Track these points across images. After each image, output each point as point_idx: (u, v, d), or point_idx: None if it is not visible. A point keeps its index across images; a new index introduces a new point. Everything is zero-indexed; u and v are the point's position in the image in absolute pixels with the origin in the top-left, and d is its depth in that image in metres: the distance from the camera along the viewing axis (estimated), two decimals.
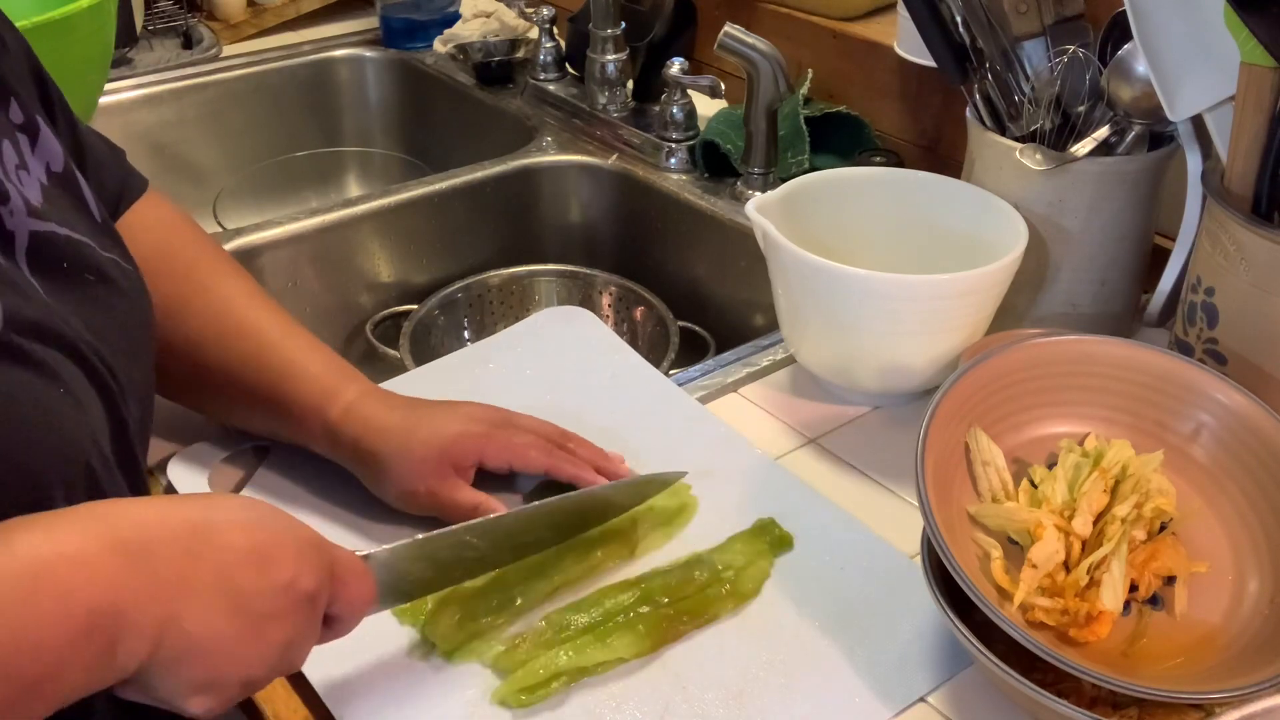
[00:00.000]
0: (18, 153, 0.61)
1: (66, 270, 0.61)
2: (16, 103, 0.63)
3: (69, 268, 0.61)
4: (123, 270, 0.66)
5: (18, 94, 0.64)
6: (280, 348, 0.78)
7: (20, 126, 0.63)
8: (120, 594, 0.47)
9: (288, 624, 0.53)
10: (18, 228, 0.58)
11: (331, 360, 0.79)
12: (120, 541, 0.48)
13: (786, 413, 0.90)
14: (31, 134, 0.64)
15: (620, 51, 1.34)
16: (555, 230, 1.35)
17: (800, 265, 0.84)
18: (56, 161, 0.65)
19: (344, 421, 0.76)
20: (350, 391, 0.77)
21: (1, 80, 0.63)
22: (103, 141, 0.79)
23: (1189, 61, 0.80)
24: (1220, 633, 0.67)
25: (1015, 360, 0.75)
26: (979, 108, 0.92)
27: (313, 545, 0.56)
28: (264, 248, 1.15)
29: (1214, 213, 0.77)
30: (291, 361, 0.77)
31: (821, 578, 0.74)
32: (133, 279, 0.67)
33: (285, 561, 0.53)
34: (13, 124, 0.62)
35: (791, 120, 1.18)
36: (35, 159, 0.63)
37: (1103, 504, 0.69)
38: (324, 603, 0.56)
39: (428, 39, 1.56)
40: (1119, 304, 0.93)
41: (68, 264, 0.61)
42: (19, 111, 0.63)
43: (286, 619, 0.53)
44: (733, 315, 1.21)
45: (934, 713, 0.66)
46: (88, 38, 1.03)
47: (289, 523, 0.55)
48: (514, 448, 0.76)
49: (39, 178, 0.63)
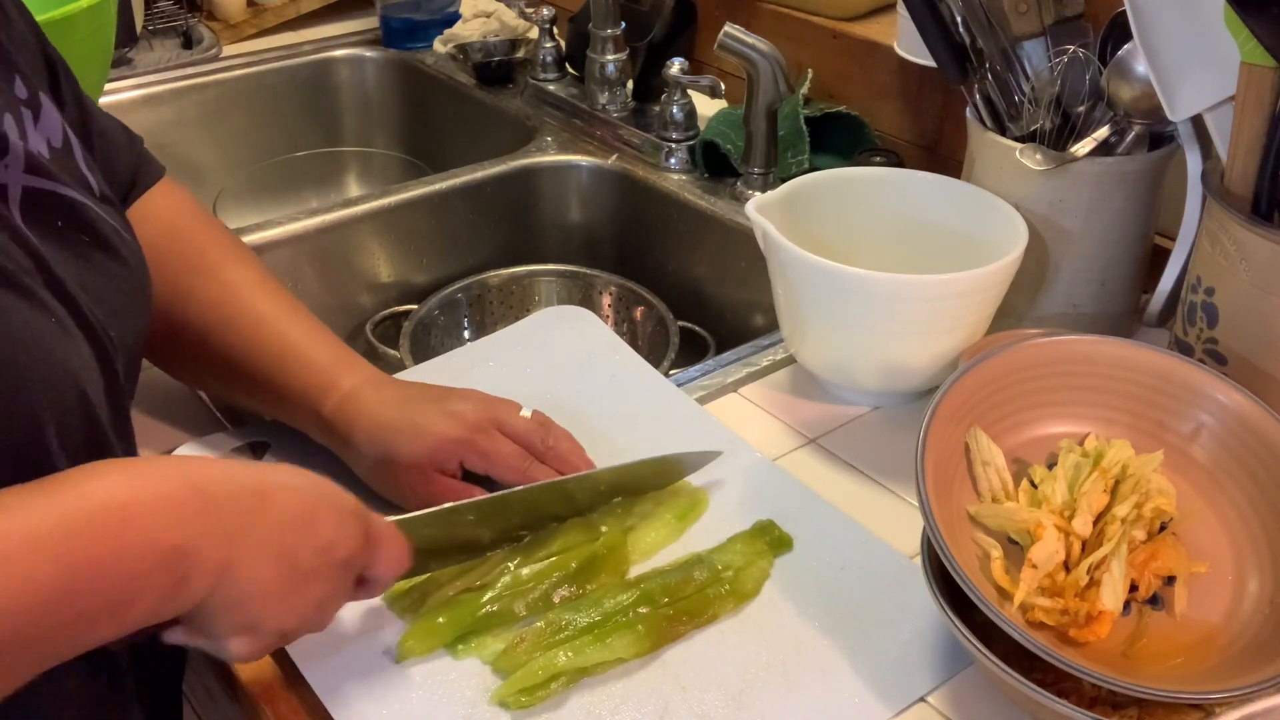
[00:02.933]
0: (20, 126, 0.62)
1: (61, 229, 0.61)
2: (21, 79, 0.64)
3: (63, 226, 0.62)
4: (122, 239, 0.66)
5: (22, 71, 0.65)
6: (282, 336, 0.79)
7: (24, 101, 0.64)
8: (194, 535, 0.52)
9: (324, 583, 0.59)
10: (11, 180, 0.59)
11: (332, 349, 0.80)
12: (198, 489, 0.54)
13: (786, 413, 0.90)
14: (34, 109, 0.64)
15: (620, 51, 1.34)
16: (555, 230, 1.35)
17: (800, 265, 0.84)
18: (56, 136, 0.65)
19: (336, 417, 0.77)
20: (346, 384, 0.78)
21: (7, 56, 0.64)
22: (119, 127, 0.79)
23: (1189, 61, 0.80)
24: (1220, 633, 0.67)
25: (1015, 360, 0.75)
26: (979, 108, 0.92)
27: (354, 513, 0.61)
28: (264, 248, 1.15)
29: (1214, 213, 0.77)
30: (291, 350, 0.78)
31: (821, 578, 0.74)
32: (132, 250, 0.67)
33: (327, 526, 0.59)
34: (17, 99, 0.63)
35: (791, 120, 1.18)
36: (37, 133, 0.63)
37: (1103, 504, 0.69)
38: (358, 566, 0.61)
39: (428, 39, 1.56)
40: (1119, 304, 0.93)
41: (62, 223, 0.62)
42: (23, 87, 0.64)
43: (324, 578, 0.59)
44: (733, 315, 1.21)
45: (934, 713, 0.66)
46: (88, 38, 1.03)
47: (334, 491, 0.61)
48: (490, 457, 0.76)
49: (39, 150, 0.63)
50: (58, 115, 0.66)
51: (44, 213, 0.61)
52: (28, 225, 0.59)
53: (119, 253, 0.65)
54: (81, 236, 0.63)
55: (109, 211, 0.66)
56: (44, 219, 0.60)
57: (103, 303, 0.62)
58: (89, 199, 0.65)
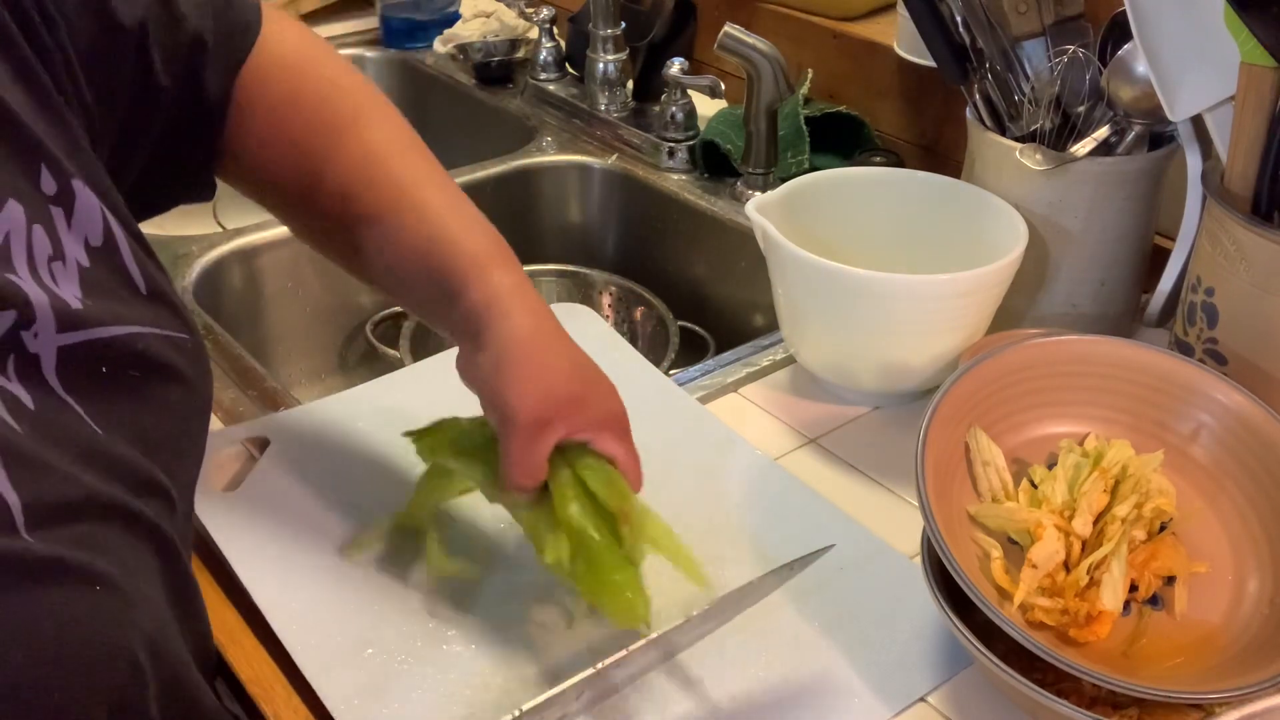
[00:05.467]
0: (51, 237, 0.54)
1: (106, 374, 0.55)
2: (47, 167, 0.55)
3: (108, 371, 0.55)
4: (178, 350, 0.59)
5: (48, 154, 0.55)
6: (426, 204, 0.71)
7: (53, 198, 0.55)
8: None
9: None
10: (43, 349, 0.52)
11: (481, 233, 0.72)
12: None
13: (786, 413, 0.90)
14: (66, 205, 0.56)
15: (620, 51, 1.34)
16: (555, 230, 1.35)
17: (800, 265, 0.84)
18: (95, 232, 0.57)
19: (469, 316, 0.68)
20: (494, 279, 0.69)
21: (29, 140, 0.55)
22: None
23: (1189, 61, 0.80)
24: (1220, 633, 0.67)
25: (1015, 360, 0.75)
26: (979, 108, 0.92)
27: None
28: (264, 248, 1.15)
29: (1214, 213, 0.77)
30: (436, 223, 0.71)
31: (821, 578, 0.73)
32: (188, 352, 0.60)
33: None
34: (45, 196, 0.55)
35: (791, 120, 1.18)
36: (72, 236, 0.56)
37: (1103, 504, 0.69)
38: None
39: (428, 39, 1.56)
40: (1119, 304, 0.93)
41: (107, 368, 0.55)
42: (51, 180, 0.55)
43: None
44: (733, 315, 1.21)
45: (934, 713, 0.66)
46: None
47: None
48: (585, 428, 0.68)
49: (76, 259, 0.56)
50: (95, 201, 0.57)
51: (86, 364, 0.54)
52: (66, 388, 0.52)
53: (175, 370, 0.58)
54: (132, 374, 0.56)
55: (159, 317, 0.59)
56: (87, 370, 0.54)
57: (163, 449, 0.56)
58: (135, 316, 0.57)
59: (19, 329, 0.51)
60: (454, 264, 0.70)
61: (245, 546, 0.75)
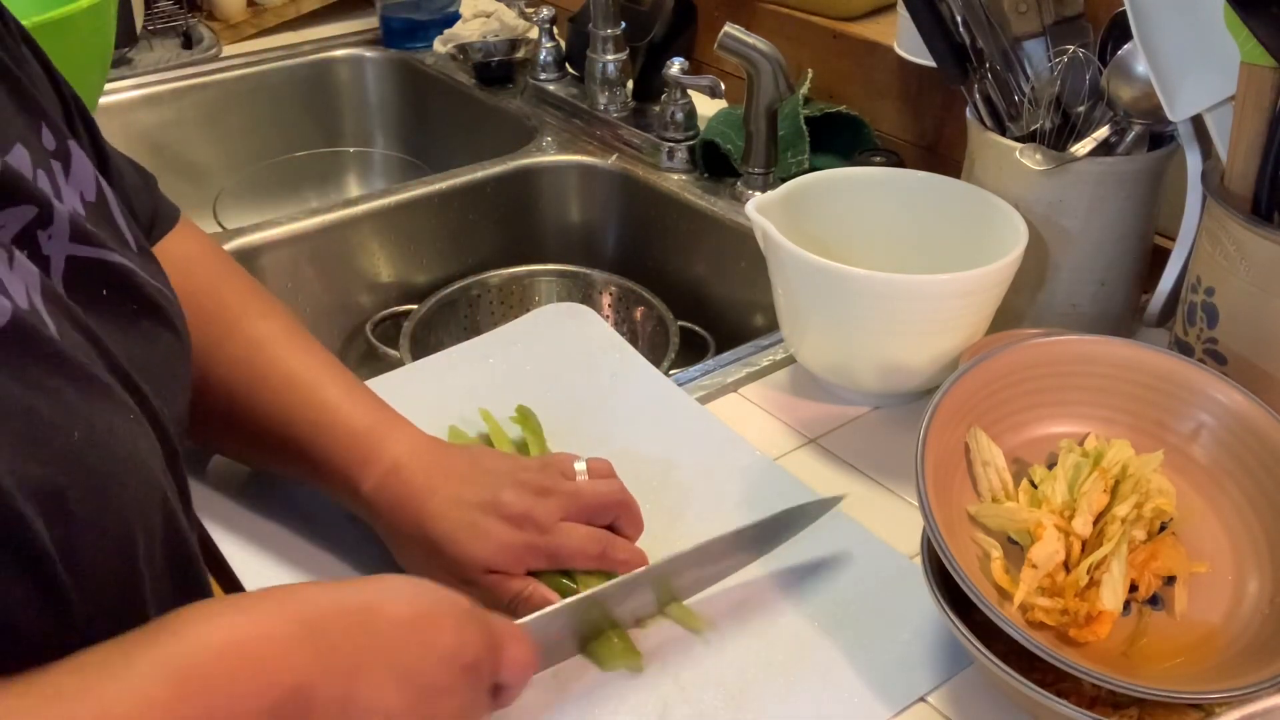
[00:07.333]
0: (53, 183, 0.57)
1: (106, 298, 0.56)
2: (48, 127, 0.58)
3: (108, 295, 0.57)
4: (168, 300, 0.61)
5: (49, 117, 0.59)
6: (313, 397, 0.72)
7: (53, 153, 0.58)
8: (309, 674, 0.48)
9: (456, 696, 0.54)
10: (54, 253, 0.54)
11: (370, 411, 0.73)
12: (308, 624, 0.50)
13: (786, 413, 0.90)
14: (64, 160, 0.58)
15: (620, 51, 1.34)
16: (555, 230, 1.35)
17: (800, 265, 0.84)
18: (90, 189, 0.60)
19: (377, 497, 0.70)
20: (387, 456, 0.71)
21: (32, 102, 0.58)
22: (133, 167, 0.74)
23: (1189, 61, 0.80)
24: (1220, 633, 0.67)
25: (1015, 360, 0.75)
26: (979, 108, 0.92)
27: (470, 614, 0.56)
28: (264, 248, 1.15)
29: (1214, 213, 0.77)
30: (326, 413, 0.72)
31: (821, 578, 0.74)
32: (178, 310, 0.62)
33: (446, 633, 0.54)
34: (46, 150, 0.57)
35: (791, 120, 1.18)
36: (69, 187, 0.58)
37: (1103, 504, 0.69)
38: (488, 672, 0.56)
39: (428, 39, 1.57)
40: (1119, 304, 0.93)
41: (107, 291, 0.57)
42: (51, 136, 0.58)
43: (454, 691, 0.54)
44: (733, 315, 1.21)
45: (934, 713, 0.66)
46: (88, 38, 1.03)
47: (448, 594, 0.56)
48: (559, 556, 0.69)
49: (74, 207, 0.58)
50: (89, 164, 0.60)
51: (88, 282, 0.55)
52: (71, 298, 0.53)
53: (165, 315, 0.60)
54: (129, 304, 0.58)
55: (150, 269, 0.61)
56: (88, 289, 0.55)
57: (155, 378, 0.56)
58: (130, 259, 0.59)
59: (37, 227, 0.53)
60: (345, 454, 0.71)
61: (245, 546, 0.75)
